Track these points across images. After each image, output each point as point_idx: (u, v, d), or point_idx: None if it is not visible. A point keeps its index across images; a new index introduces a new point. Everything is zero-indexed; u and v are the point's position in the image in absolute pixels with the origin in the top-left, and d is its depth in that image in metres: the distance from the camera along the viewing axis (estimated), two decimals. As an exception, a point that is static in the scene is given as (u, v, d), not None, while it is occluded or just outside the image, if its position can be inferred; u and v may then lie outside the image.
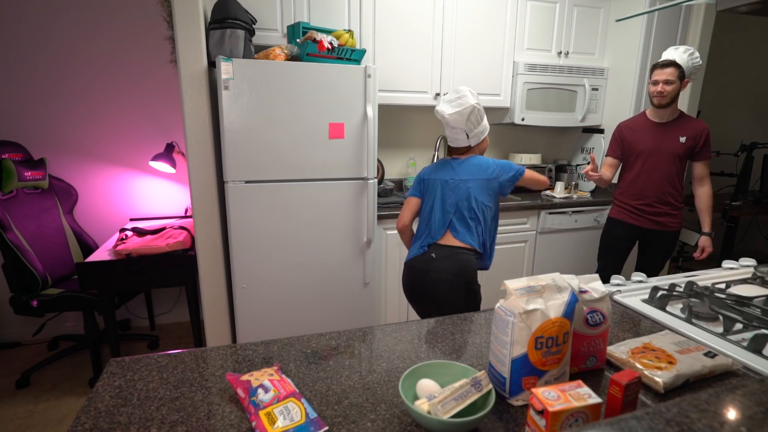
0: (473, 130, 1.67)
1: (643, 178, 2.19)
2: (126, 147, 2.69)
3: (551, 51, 2.85)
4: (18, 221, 2.27)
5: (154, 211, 2.82)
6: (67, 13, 2.45)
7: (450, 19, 2.56)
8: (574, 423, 0.67)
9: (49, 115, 2.54)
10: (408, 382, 0.82)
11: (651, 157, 2.16)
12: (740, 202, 3.30)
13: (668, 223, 2.20)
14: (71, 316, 2.77)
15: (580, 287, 0.93)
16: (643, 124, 2.20)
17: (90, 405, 0.82)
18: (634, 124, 2.24)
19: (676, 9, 2.77)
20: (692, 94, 2.91)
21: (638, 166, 2.20)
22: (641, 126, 2.20)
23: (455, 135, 1.70)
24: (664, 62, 2.02)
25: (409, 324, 1.19)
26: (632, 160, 2.23)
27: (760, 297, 1.24)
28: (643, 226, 2.23)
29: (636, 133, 2.21)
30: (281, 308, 2.18)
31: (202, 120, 1.98)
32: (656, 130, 2.15)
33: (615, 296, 1.33)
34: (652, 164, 2.16)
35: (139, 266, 2.13)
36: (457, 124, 1.64)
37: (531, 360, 0.81)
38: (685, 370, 0.87)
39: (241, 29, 1.96)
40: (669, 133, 2.13)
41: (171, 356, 1.00)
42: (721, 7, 1.07)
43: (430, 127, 3.02)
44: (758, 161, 3.62)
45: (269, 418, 0.76)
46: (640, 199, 2.21)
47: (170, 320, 2.99)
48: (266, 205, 2.06)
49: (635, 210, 2.24)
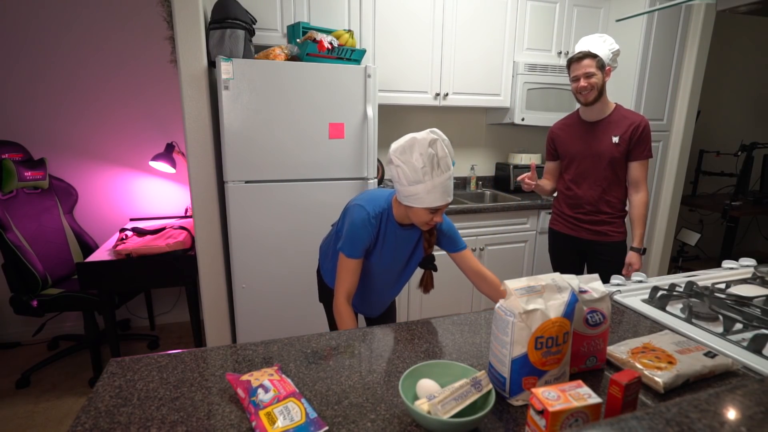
0: None
1: (576, 184, 1.93)
2: (126, 147, 2.69)
3: (551, 51, 2.85)
4: (18, 221, 2.27)
5: (154, 211, 2.82)
6: (66, 14, 2.45)
7: (450, 19, 2.56)
8: (574, 423, 0.67)
9: (49, 115, 2.54)
10: (408, 382, 0.82)
11: (584, 161, 1.89)
12: (740, 202, 3.30)
13: (609, 232, 1.89)
14: (71, 316, 2.77)
15: (580, 287, 0.93)
16: (575, 124, 1.92)
17: (90, 405, 0.82)
18: (566, 125, 1.97)
19: (676, 9, 2.77)
20: (692, 94, 2.92)
21: (572, 171, 1.94)
22: (573, 127, 1.93)
23: None
24: (578, 55, 1.76)
25: (409, 324, 1.19)
26: (566, 164, 1.97)
27: (760, 297, 1.24)
28: (583, 237, 1.95)
29: (567, 134, 1.94)
30: (281, 308, 2.18)
31: (202, 120, 1.98)
32: (588, 131, 1.88)
33: (615, 296, 1.33)
34: (585, 168, 1.89)
35: (139, 266, 2.13)
36: None
37: (531, 360, 0.81)
38: (685, 370, 0.87)
39: (241, 29, 1.96)
40: (600, 133, 1.84)
41: (171, 356, 1.00)
42: (721, 7, 1.08)
43: (430, 127, 3.01)
44: (758, 161, 3.62)
45: (269, 418, 0.76)
46: (576, 207, 1.94)
47: (170, 320, 2.99)
48: (266, 205, 2.06)
49: (572, 220, 1.96)
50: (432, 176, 1.14)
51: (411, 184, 1.16)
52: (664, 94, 2.93)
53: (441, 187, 1.15)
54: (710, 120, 3.94)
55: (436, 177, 1.14)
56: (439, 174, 1.14)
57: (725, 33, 3.74)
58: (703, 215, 4.08)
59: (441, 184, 1.15)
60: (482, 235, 2.64)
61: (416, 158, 1.13)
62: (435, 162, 1.14)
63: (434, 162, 1.14)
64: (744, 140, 3.65)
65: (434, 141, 1.14)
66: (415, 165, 1.13)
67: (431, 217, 1.20)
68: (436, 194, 1.15)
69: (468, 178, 3.16)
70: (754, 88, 4.10)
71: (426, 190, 1.15)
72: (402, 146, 1.16)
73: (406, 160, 1.15)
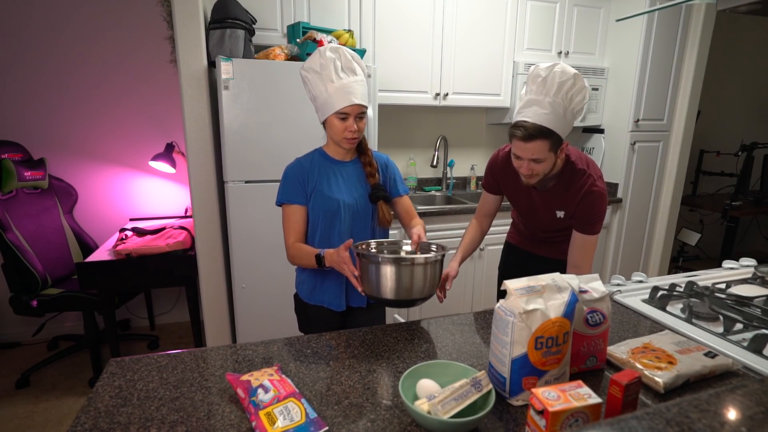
0: None
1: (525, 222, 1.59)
2: (126, 147, 2.69)
3: (551, 51, 2.85)
4: (18, 221, 2.27)
5: (154, 211, 2.82)
6: (67, 15, 2.45)
7: (450, 19, 2.56)
8: (574, 423, 0.67)
9: (49, 115, 2.54)
10: (408, 382, 0.82)
11: (531, 219, 1.53)
12: (740, 202, 3.30)
13: None
14: (71, 316, 2.77)
15: (580, 287, 0.93)
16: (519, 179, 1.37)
17: (90, 405, 0.82)
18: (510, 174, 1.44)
19: (676, 9, 2.77)
20: (692, 94, 2.92)
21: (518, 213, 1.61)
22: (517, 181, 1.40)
23: None
24: (525, 133, 1.19)
25: (409, 324, 1.19)
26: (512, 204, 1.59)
27: (761, 297, 1.24)
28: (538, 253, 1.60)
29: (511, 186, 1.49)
30: (281, 308, 2.18)
31: (202, 120, 1.98)
32: (532, 194, 1.44)
33: (615, 296, 1.33)
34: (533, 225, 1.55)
35: (139, 266, 2.13)
36: None
37: (531, 360, 0.81)
38: (685, 370, 0.87)
39: (241, 29, 1.96)
40: (545, 204, 1.42)
41: (171, 356, 1.00)
42: (721, 7, 1.07)
43: (431, 127, 3.02)
44: (758, 161, 3.62)
45: (269, 418, 0.76)
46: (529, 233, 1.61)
47: (170, 320, 2.99)
48: (266, 205, 2.06)
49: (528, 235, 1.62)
50: (333, 79, 1.18)
51: (318, 94, 1.22)
52: (665, 94, 2.93)
53: (345, 88, 1.19)
54: (710, 120, 3.94)
55: (337, 80, 1.18)
56: (343, 77, 1.19)
57: (725, 33, 3.74)
58: (703, 215, 4.08)
59: (344, 86, 1.19)
60: (482, 235, 2.63)
61: (315, 62, 1.20)
62: (336, 66, 1.19)
63: (335, 65, 1.18)
64: (744, 140, 3.65)
65: (336, 49, 1.20)
66: (315, 68, 1.20)
67: (344, 126, 1.22)
68: (339, 95, 1.19)
69: (468, 178, 3.16)
70: (755, 88, 4.10)
71: (329, 92, 1.19)
72: (308, 60, 1.23)
73: (308, 67, 1.21)
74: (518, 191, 1.47)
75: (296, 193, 1.29)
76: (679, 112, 2.98)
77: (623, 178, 2.97)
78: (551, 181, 1.36)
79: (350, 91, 1.19)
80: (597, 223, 1.33)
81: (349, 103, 1.19)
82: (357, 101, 1.20)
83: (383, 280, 1.07)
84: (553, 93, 1.18)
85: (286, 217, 1.31)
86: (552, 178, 1.35)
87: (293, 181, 1.30)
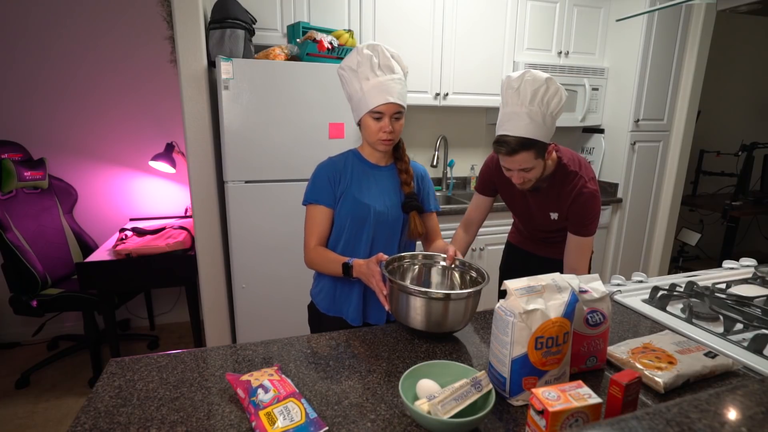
0: None
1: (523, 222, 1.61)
2: (126, 147, 2.69)
3: (551, 51, 2.85)
4: (18, 221, 2.27)
5: (154, 211, 2.82)
6: (66, 14, 2.45)
7: (450, 19, 2.56)
8: (574, 423, 0.67)
9: (49, 115, 2.53)
10: (408, 382, 0.82)
11: (527, 221, 1.56)
12: (740, 202, 3.30)
13: None
14: (71, 316, 2.77)
15: (580, 287, 0.93)
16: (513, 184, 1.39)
17: (90, 405, 0.82)
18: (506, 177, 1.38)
19: (676, 9, 2.77)
20: (692, 94, 2.92)
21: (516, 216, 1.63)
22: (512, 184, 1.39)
23: None
24: (509, 148, 1.21)
25: (409, 324, 1.19)
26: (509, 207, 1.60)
27: (761, 297, 1.24)
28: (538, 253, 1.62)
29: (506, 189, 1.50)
30: (281, 308, 2.18)
31: (202, 120, 1.98)
32: (526, 197, 1.47)
33: (615, 296, 1.33)
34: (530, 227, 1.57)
35: (139, 266, 2.13)
36: None
37: (531, 360, 0.81)
38: (685, 370, 0.87)
39: (241, 29, 1.96)
40: (539, 206, 1.45)
41: (171, 356, 1.00)
42: (721, 7, 1.08)
43: (431, 127, 3.02)
44: (758, 161, 3.62)
45: (269, 418, 0.76)
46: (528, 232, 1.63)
47: (170, 320, 2.99)
48: (266, 205, 2.06)
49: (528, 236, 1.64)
50: (369, 76, 1.14)
51: (353, 92, 1.18)
52: (665, 94, 2.93)
53: (381, 86, 1.14)
54: (710, 120, 3.94)
55: (373, 78, 1.14)
56: (379, 74, 1.14)
57: (725, 33, 3.74)
58: (703, 215, 4.08)
59: (380, 84, 1.14)
60: (482, 235, 2.63)
61: (352, 60, 1.16)
62: (373, 63, 1.14)
63: (372, 63, 1.14)
64: (744, 140, 3.65)
65: (374, 46, 1.16)
66: (351, 66, 1.16)
67: (379, 126, 1.17)
68: (374, 93, 1.14)
69: (468, 178, 3.16)
70: (755, 87, 4.10)
71: (364, 90, 1.15)
72: (345, 58, 1.20)
73: (345, 65, 1.18)
74: (513, 194, 1.49)
75: (325, 193, 1.23)
76: (679, 112, 2.98)
77: (623, 178, 2.97)
78: (544, 183, 1.38)
79: (386, 89, 1.14)
80: (591, 224, 1.34)
81: (384, 102, 1.13)
82: (393, 100, 1.14)
83: (412, 312, 1.02)
84: (528, 102, 1.18)
85: (310, 217, 1.26)
86: (544, 180, 1.37)
87: (323, 180, 1.23)
